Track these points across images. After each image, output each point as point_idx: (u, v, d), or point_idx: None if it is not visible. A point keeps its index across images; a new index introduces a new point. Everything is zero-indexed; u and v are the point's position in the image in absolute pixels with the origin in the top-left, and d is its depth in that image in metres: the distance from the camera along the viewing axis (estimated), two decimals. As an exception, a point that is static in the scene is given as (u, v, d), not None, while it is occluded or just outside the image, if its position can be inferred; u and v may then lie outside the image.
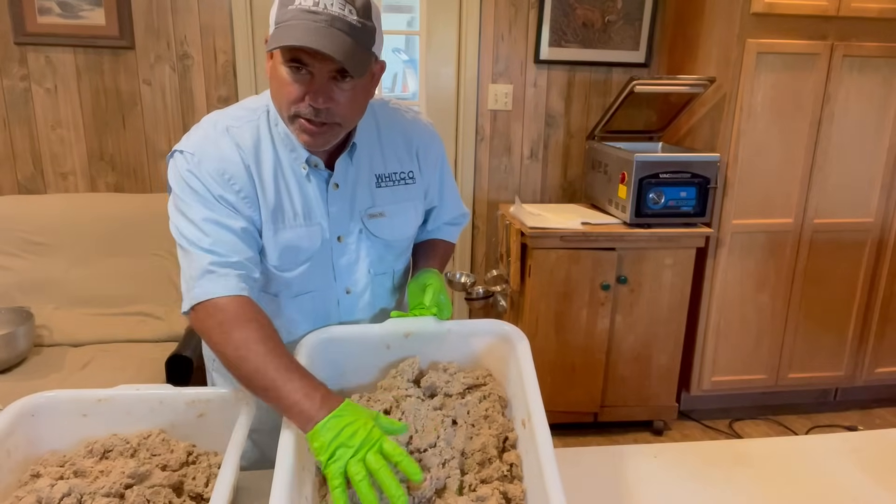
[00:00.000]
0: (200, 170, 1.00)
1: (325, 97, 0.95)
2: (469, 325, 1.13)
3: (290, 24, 0.92)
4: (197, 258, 0.98)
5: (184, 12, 2.58)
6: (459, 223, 1.37)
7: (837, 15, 2.40)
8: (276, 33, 0.93)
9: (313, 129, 0.98)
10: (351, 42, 0.92)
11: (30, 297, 2.37)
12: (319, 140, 1.01)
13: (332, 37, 0.91)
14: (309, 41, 0.89)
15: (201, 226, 0.99)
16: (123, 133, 2.66)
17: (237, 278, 0.98)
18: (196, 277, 0.97)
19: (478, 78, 2.83)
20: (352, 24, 0.93)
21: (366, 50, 0.96)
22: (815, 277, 2.68)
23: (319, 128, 0.99)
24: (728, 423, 2.78)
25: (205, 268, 0.97)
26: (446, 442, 0.94)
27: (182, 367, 2.13)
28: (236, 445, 0.91)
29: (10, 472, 0.94)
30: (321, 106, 0.96)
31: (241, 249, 1.00)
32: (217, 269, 0.97)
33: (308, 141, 1.01)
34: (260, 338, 0.93)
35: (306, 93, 0.95)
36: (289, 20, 0.92)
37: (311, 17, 0.91)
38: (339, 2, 0.92)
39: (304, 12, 0.91)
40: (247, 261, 1.01)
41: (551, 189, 3.01)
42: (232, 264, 0.98)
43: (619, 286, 2.50)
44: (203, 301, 0.96)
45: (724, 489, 1.11)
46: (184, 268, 1.00)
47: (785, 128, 2.50)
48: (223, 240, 0.99)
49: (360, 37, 0.94)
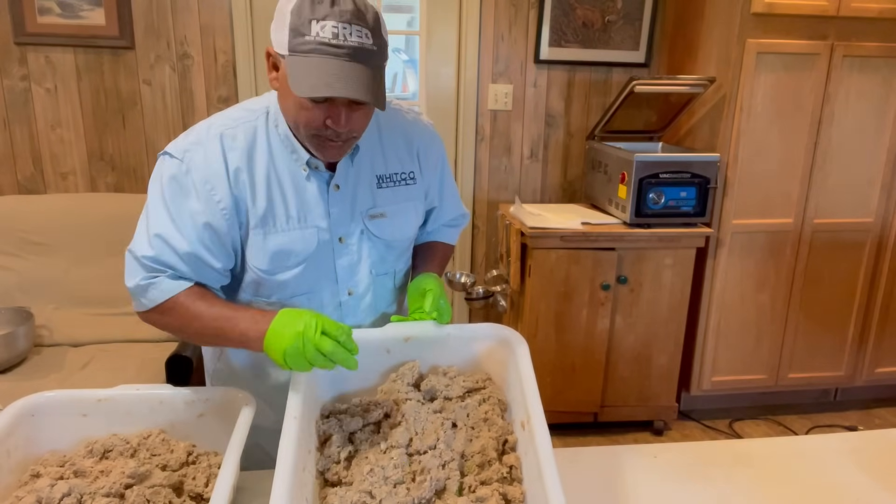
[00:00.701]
0: (186, 179, 1.01)
1: (346, 120, 0.97)
2: (469, 329, 1.13)
3: (311, 62, 0.91)
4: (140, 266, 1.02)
5: (184, 12, 2.58)
6: (459, 224, 1.37)
7: (837, 15, 2.40)
8: (298, 69, 0.92)
9: (335, 146, 1.02)
10: (372, 75, 0.93)
11: (30, 297, 2.37)
12: (339, 154, 1.05)
13: (357, 75, 0.92)
14: (341, 89, 0.90)
15: (152, 240, 1.01)
16: (123, 133, 2.66)
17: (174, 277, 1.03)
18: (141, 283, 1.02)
19: (478, 78, 2.83)
20: (371, 52, 0.93)
21: (383, 76, 0.98)
22: (815, 277, 2.68)
23: (342, 145, 1.02)
24: (728, 423, 2.78)
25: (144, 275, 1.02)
26: (446, 444, 0.94)
27: (182, 367, 2.13)
28: (236, 445, 0.91)
29: (10, 472, 0.94)
30: (343, 129, 0.98)
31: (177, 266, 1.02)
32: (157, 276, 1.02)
33: (330, 156, 1.05)
34: (205, 302, 1.03)
35: (327, 117, 0.97)
36: (309, 53, 0.91)
37: (332, 51, 0.91)
38: (356, 28, 0.91)
39: (325, 46, 0.91)
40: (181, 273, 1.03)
41: (551, 189, 3.01)
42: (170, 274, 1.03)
43: (619, 286, 2.50)
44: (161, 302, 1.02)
45: (724, 489, 1.11)
46: (128, 271, 1.03)
47: (785, 128, 2.50)
48: (164, 254, 1.01)
49: (379, 62, 0.96)
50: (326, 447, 0.96)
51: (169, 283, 1.02)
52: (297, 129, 1.03)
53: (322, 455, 0.95)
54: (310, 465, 0.91)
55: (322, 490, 0.92)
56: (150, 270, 1.01)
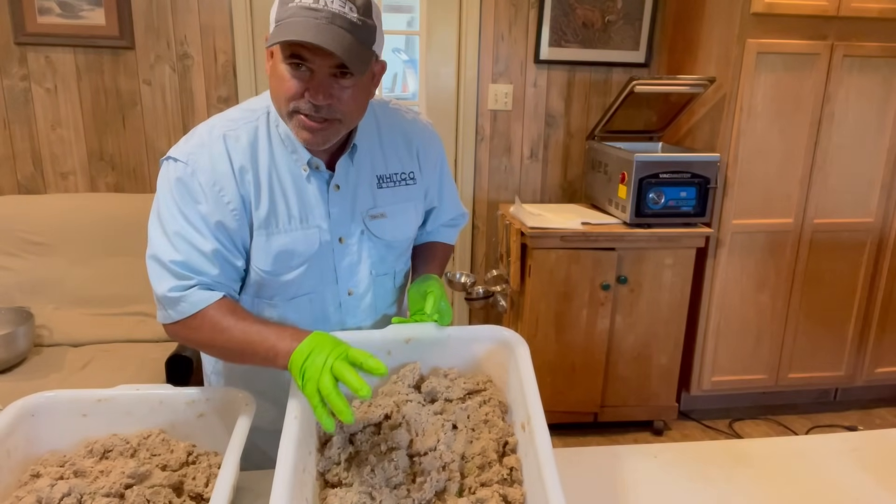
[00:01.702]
0: (192, 181, 1.00)
1: (325, 94, 0.95)
2: (469, 331, 1.13)
3: (290, 22, 0.92)
4: (168, 272, 1.00)
5: (184, 12, 2.58)
6: (458, 224, 1.37)
7: (837, 15, 2.40)
8: (276, 30, 0.93)
9: (313, 125, 0.98)
10: (351, 39, 0.92)
11: (30, 297, 2.37)
12: (319, 137, 1.00)
13: (333, 33, 0.91)
14: (309, 36, 0.89)
15: (174, 240, 1.00)
16: (123, 133, 2.66)
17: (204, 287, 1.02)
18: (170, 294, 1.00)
19: (478, 78, 2.83)
20: (352, 21, 0.93)
21: (366, 48, 0.96)
22: (815, 277, 2.68)
23: (320, 124, 0.98)
24: (728, 423, 2.78)
25: (176, 284, 1.00)
26: (446, 445, 0.94)
27: (182, 367, 2.13)
28: (236, 445, 0.91)
29: (10, 472, 0.94)
30: (321, 102, 0.96)
31: (207, 269, 1.01)
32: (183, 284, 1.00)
33: (307, 138, 1.00)
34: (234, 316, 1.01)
35: (306, 89, 0.95)
36: (289, 17, 0.92)
37: (311, 13, 0.91)
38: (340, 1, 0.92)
39: (304, 9, 0.91)
40: (212, 279, 1.02)
41: (551, 189, 3.01)
42: (199, 281, 1.01)
43: (619, 286, 2.50)
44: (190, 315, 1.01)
45: (724, 489, 1.11)
46: (155, 277, 1.02)
47: (785, 128, 2.50)
48: (192, 258, 1.00)
49: (361, 34, 0.94)
50: (327, 448, 0.96)
51: (200, 294, 1.00)
52: (279, 109, 1.01)
53: (322, 456, 0.95)
54: (310, 466, 0.91)
55: (322, 491, 0.92)
56: (180, 277, 1.00)
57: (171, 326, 1.04)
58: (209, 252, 1.01)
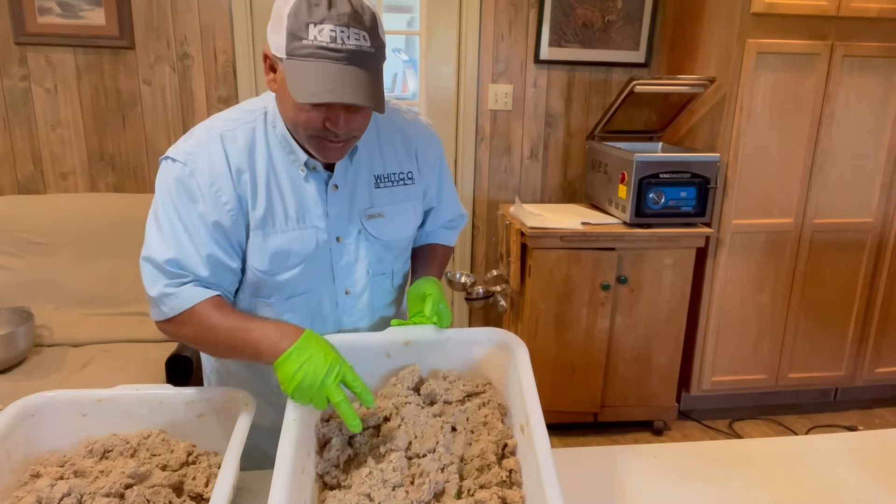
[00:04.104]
0: (190, 181, 1.01)
1: (345, 122, 0.97)
2: (468, 334, 1.13)
3: (310, 66, 0.91)
4: (162, 272, 1.01)
5: (184, 12, 2.58)
6: (457, 226, 1.37)
7: (837, 15, 2.39)
8: (297, 74, 0.92)
9: (335, 146, 1.01)
10: (370, 78, 0.93)
11: (30, 297, 2.37)
12: (339, 155, 1.04)
13: (356, 79, 0.91)
14: (341, 94, 0.90)
15: (169, 239, 1.01)
16: (123, 133, 2.66)
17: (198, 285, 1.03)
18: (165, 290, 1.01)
19: (478, 78, 2.83)
20: (369, 54, 0.93)
21: (381, 78, 0.97)
22: (815, 277, 2.68)
23: (341, 145, 1.02)
24: (728, 423, 2.78)
25: (169, 281, 1.01)
26: (445, 447, 0.94)
27: (182, 367, 2.13)
28: (236, 445, 0.91)
29: (10, 472, 0.94)
30: (342, 131, 0.98)
31: (199, 271, 1.02)
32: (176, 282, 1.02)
33: (330, 157, 1.04)
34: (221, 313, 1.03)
35: (325, 119, 0.97)
36: (307, 58, 0.91)
37: (331, 55, 0.90)
38: (354, 31, 0.91)
39: (323, 50, 0.90)
40: (204, 280, 1.03)
41: (551, 189, 3.01)
42: (191, 280, 1.02)
43: (619, 286, 2.50)
44: (180, 312, 1.01)
45: (724, 489, 1.11)
46: (149, 279, 1.03)
47: (785, 128, 2.50)
48: (186, 257, 1.01)
49: (377, 64, 0.95)
50: (326, 451, 0.96)
51: (192, 291, 1.02)
52: (295, 131, 1.02)
53: (321, 458, 0.95)
54: (309, 468, 0.91)
55: (321, 493, 0.92)
56: (172, 276, 1.01)
57: (161, 323, 1.05)
58: (204, 255, 1.02)
